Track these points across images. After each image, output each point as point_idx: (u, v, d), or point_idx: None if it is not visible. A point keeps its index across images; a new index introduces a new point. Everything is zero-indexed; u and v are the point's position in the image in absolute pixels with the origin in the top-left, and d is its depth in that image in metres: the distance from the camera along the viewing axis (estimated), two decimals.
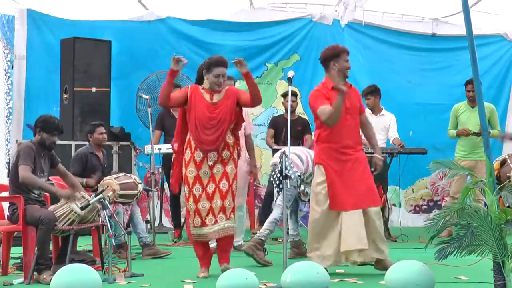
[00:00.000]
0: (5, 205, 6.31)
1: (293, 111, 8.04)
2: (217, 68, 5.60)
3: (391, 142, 8.28)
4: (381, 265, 5.59)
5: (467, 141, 8.28)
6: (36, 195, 5.81)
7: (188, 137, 5.64)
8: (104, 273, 5.57)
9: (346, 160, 5.59)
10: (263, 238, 6.37)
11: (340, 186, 5.53)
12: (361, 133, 5.89)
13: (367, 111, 7.52)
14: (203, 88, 5.67)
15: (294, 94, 7.39)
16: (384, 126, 8.26)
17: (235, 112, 5.65)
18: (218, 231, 5.58)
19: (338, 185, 5.53)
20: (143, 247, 6.84)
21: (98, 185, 6.76)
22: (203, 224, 5.56)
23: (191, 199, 5.58)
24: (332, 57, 5.67)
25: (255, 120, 9.75)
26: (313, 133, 8.61)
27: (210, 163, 5.56)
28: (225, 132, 5.60)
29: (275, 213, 6.52)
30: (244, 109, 6.17)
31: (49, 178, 6.36)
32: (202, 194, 5.55)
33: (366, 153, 6.08)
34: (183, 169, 5.63)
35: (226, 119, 5.61)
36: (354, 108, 5.70)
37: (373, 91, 8.30)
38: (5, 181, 6.54)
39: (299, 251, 6.62)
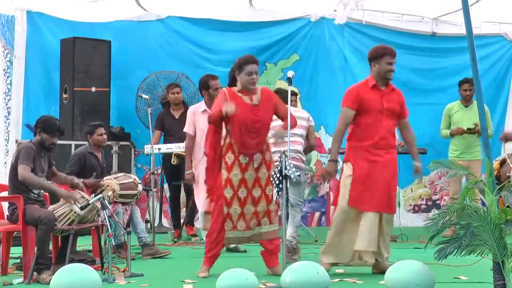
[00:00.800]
0: (5, 205, 6.31)
1: None
2: (248, 65, 5.55)
3: None
4: (378, 268, 5.58)
5: (461, 140, 8.22)
6: (36, 195, 5.80)
7: (228, 140, 5.58)
8: (104, 273, 5.57)
9: (374, 161, 5.54)
10: (295, 247, 6.45)
11: (363, 185, 5.49)
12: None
13: None
14: (239, 91, 5.60)
15: (293, 93, 7.39)
16: None
17: (273, 112, 5.66)
18: (263, 234, 5.60)
19: (361, 184, 5.49)
20: (143, 247, 6.83)
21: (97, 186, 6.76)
22: (247, 228, 5.56)
23: (235, 203, 5.52)
24: (374, 58, 5.64)
25: None
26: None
27: (255, 166, 5.53)
28: (267, 133, 5.61)
29: (298, 218, 6.64)
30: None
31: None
32: (247, 197, 5.52)
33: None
34: (225, 172, 5.54)
35: (268, 121, 5.60)
36: (391, 111, 5.63)
37: None
38: (5, 181, 6.53)
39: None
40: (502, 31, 10.16)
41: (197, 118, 6.99)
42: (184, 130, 7.11)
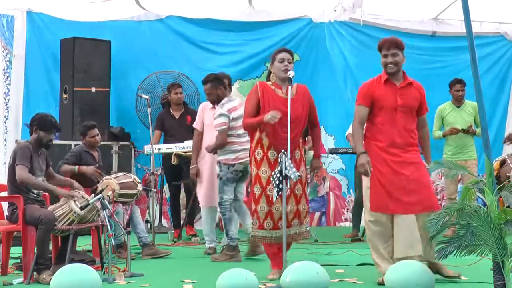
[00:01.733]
0: (5, 205, 6.30)
1: None
2: (280, 53, 5.54)
3: None
4: (435, 269, 5.17)
5: (455, 140, 8.18)
6: (35, 195, 5.80)
7: (257, 135, 5.49)
8: (104, 273, 5.57)
9: (392, 161, 5.19)
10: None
11: (384, 188, 5.17)
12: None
13: None
14: (272, 84, 5.53)
15: None
16: None
17: (308, 110, 5.53)
18: (294, 236, 5.51)
19: (382, 187, 5.18)
20: (143, 247, 6.83)
21: (98, 184, 6.77)
22: (275, 227, 5.44)
23: (263, 200, 5.43)
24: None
25: None
26: None
27: None
28: (302, 130, 5.48)
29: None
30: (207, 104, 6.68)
31: None
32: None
33: None
34: (254, 168, 5.47)
35: (302, 116, 5.47)
36: (407, 107, 5.30)
37: None
38: (4, 181, 6.54)
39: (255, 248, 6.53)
40: (502, 31, 10.17)
41: (205, 114, 7.04)
42: (193, 125, 7.17)
